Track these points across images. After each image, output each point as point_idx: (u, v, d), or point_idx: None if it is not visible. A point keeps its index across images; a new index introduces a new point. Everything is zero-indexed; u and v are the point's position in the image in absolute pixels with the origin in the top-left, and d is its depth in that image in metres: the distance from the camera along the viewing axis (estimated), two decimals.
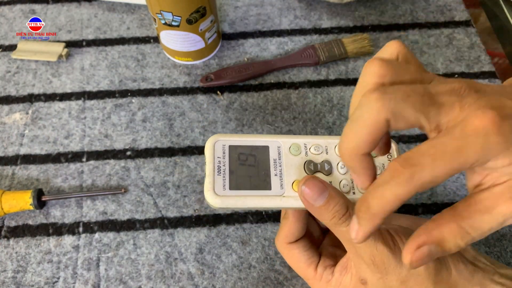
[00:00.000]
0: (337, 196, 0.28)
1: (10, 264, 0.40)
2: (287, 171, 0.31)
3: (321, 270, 0.32)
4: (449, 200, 0.42)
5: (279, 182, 0.30)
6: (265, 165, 0.31)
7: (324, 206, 0.28)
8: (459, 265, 0.29)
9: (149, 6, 0.45)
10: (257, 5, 0.56)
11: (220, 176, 0.30)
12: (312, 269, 0.32)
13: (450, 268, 0.29)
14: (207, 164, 0.30)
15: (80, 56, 0.52)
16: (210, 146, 0.31)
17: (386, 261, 0.28)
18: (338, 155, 0.32)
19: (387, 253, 0.28)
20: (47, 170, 0.45)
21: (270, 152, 0.31)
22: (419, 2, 0.55)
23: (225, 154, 0.30)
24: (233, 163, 0.30)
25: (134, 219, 0.42)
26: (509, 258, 0.40)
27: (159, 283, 0.39)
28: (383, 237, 0.28)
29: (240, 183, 0.30)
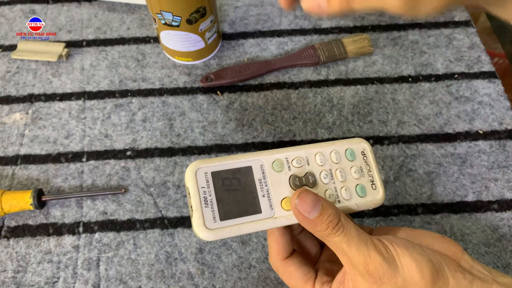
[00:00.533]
0: (330, 207, 0.29)
1: (10, 264, 0.40)
2: (273, 190, 0.31)
3: (319, 287, 0.31)
4: (449, 200, 0.43)
5: (268, 203, 0.30)
6: (251, 187, 0.30)
7: (318, 218, 0.28)
8: (457, 275, 0.29)
9: (149, 6, 0.45)
10: (257, 5, 0.56)
11: (208, 208, 0.29)
12: (309, 285, 0.31)
13: (447, 278, 0.29)
14: (192, 196, 0.29)
15: (80, 56, 0.52)
16: (192, 176, 0.29)
17: (380, 270, 0.28)
18: (319, 164, 0.32)
19: (380, 261, 0.28)
20: (47, 170, 0.45)
21: (254, 172, 0.31)
22: None
23: (209, 182, 0.29)
24: (219, 191, 0.29)
25: (134, 219, 0.42)
26: (509, 258, 0.40)
27: (159, 283, 0.39)
28: (375, 245, 0.28)
29: (229, 212, 0.29)
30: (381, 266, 0.28)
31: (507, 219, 0.42)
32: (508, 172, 0.44)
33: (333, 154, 0.33)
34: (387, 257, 0.28)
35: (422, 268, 0.28)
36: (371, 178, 0.34)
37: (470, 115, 0.47)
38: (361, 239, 0.28)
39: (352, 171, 0.33)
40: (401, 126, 0.47)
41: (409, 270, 0.28)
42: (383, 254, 0.28)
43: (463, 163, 0.44)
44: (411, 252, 0.29)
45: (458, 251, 0.31)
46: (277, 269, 0.32)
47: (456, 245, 0.32)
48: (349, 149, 0.34)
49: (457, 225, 0.41)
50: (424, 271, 0.28)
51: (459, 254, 0.31)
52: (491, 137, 0.46)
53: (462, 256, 0.31)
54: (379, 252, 0.28)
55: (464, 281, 0.29)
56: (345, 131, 0.46)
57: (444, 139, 0.46)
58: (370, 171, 0.34)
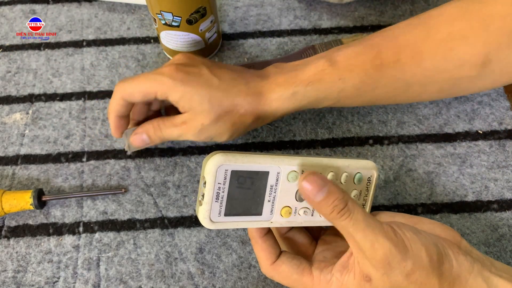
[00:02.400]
0: (336, 191, 0.29)
1: (10, 264, 0.40)
2: (280, 197, 0.32)
3: (318, 273, 0.31)
4: (449, 200, 0.43)
5: (270, 208, 0.32)
6: (261, 191, 0.31)
7: (324, 200, 0.29)
8: (460, 257, 0.30)
9: (149, 6, 0.45)
10: (257, 5, 0.56)
11: (217, 203, 0.30)
12: (307, 274, 0.31)
13: (451, 260, 0.29)
14: (207, 190, 0.30)
15: (80, 56, 0.52)
16: (213, 170, 0.29)
17: (389, 255, 0.28)
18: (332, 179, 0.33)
19: (389, 246, 0.28)
20: (47, 170, 0.45)
21: (269, 178, 0.31)
22: (419, 2, 0.55)
23: (226, 180, 0.30)
24: (232, 189, 0.30)
25: (135, 219, 0.42)
26: (509, 258, 0.40)
27: (159, 283, 0.39)
28: (384, 231, 0.28)
29: (234, 210, 0.31)
30: (390, 252, 0.28)
31: (506, 219, 0.42)
32: (507, 172, 0.44)
33: (343, 176, 0.34)
34: (396, 242, 0.28)
35: (430, 252, 0.29)
36: (364, 202, 0.36)
37: (470, 115, 0.47)
38: (369, 225, 0.28)
39: (352, 194, 0.35)
40: (401, 126, 0.47)
41: (418, 254, 0.28)
42: (392, 239, 0.28)
43: (463, 163, 0.44)
44: (419, 237, 0.29)
45: (457, 236, 0.32)
46: (271, 276, 0.33)
47: (454, 231, 0.33)
48: (359, 173, 0.35)
49: (456, 225, 0.41)
50: (432, 255, 0.29)
51: (458, 239, 0.32)
52: (491, 137, 0.46)
53: (461, 241, 0.32)
54: (388, 238, 0.28)
55: (466, 262, 0.30)
56: (345, 131, 0.47)
57: (444, 139, 0.46)
58: (367, 196, 0.36)
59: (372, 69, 0.38)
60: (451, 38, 0.37)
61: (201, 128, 0.38)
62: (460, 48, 0.36)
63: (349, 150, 0.46)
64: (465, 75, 0.37)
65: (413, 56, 0.37)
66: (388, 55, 0.38)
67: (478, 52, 0.36)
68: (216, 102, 0.37)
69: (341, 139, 0.46)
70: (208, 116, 0.37)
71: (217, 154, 0.30)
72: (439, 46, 0.37)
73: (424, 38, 0.38)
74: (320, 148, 0.46)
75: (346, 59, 0.38)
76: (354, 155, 0.45)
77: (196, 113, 0.38)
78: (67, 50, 0.53)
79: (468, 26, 0.36)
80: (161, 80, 0.37)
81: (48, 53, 0.53)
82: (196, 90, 0.37)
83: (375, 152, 0.45)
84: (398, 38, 0.39)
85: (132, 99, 0.38)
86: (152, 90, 0.37)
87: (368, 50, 0.39)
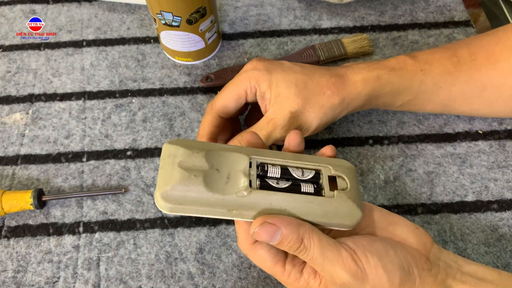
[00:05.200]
0: (289, 234, 0.29)
1: (10, 264, 0.40)
2: None
3: (290, 268, 0.32)
4: (449, 200, 0.43)
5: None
6: None
7: (278, 244, 0.29)
8: (423, 273, 0.30)
9: (149, 6, 0.45)
10: (257, 5, 0.56)
11: None
12: (280, 266, 0.32)
13: (415, 278, 0.30)
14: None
15: (80, 56, 0.52)
16: None
17: (347, 284, 0.29)
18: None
19: (347, 278, 0.29)
20: (47, 170, 0.45)
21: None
22: (419, 2, 0.55)
23: None
24: None
25: (135, 219, 0.42)
26: (508, 258, 0.40)
27: (159, 283, 0.39)
28: (343, 261, 0.29)
29: None
30: (349, 283, 0.29)
31: (506, 219, 0.42)
32: (507, 172, 0.44)
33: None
34: (355, 271, 0.29)
35: (391, 277, 0.29)
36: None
37: None
38: (326, 258, 0.29)
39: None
40: (401, 126, 0.47)
41: (379, 280, 0.29)
42: (351, 269, 0.29)
43: (463, 163, 0.44)
44: (384, 262, 0.29)
45: (428, 243, 0.32)
46: (246, 253, 0.33)
47: (428, 237, 0.33)
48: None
49: (456, 225, 0.41)
50: (394, 279, 0.29)
51: (429, 246, 0.32)
52: (491, 137, 0.46)
53: (431, 248, 0.32)
54: (346, 269, 0.29)
55: (429, 277, 0.30)
56: (345, 131, 0.47)
57: (443, 139, 0.46)
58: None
59: (450, 65, 0.40)
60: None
61: (290, 116, 0.37)
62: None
63: (349, 150, 0.45)
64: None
65: (488, 57, 0.39)
66: (464, 54, 0.40)
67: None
68: (302, 84, 0.38)
69: (341, 139, 0.46)
70: (295, 101, 0.37)
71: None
72: (511, 51, 0.39)
73: (496, 43, 0.40)
74: (320, 148, 0.45)
75: (425, 55, 0.40)
76: (354, 155, 0.45)
77: (283, 100, 0.37)
78: (67, 50, 0.53)
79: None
80: (247, 75, 0.38)
81: (48, 53, 0.53)
82: (281, 76, 0.38)
83: (375, 152, 0.45)
84: (471, 42, 0.41)
85: (227, 110, 0.39)
86: (242, 89, 0.39)
87: (443, 50, 0.41)
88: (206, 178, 0.29)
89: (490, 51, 0.39)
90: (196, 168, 0.29)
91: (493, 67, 0.39)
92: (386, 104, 0.41)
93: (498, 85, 0.40)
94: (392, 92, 0.40)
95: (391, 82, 0.39)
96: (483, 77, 0.39)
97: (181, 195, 0.28)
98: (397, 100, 0.41)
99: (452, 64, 0.40)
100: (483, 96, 0.40)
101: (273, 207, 0.29)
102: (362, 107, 0.41)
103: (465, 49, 0.40)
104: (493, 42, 0.40)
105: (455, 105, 0.42)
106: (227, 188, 0.29)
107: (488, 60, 0.39)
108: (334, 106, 0.39)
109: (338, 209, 0.30)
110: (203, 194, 0.29)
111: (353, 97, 0.39)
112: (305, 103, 0.38)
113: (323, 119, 0.39)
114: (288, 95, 0.38)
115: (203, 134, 0.40)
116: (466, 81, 0.40)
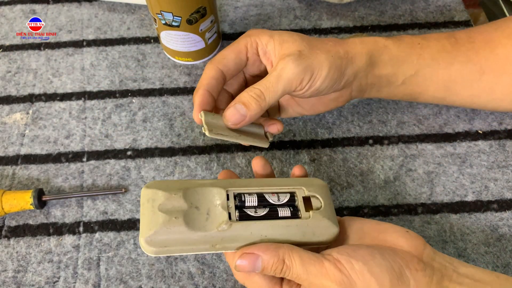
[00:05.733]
0: (270, 259, 0.30)
1: (10, 264, 0.40)
2: None
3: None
4: (449, 200, 0.43)
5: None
6: None
7: (263, 270, 0.30)
8: (417, 274, 0.30)
9: (150, 6, 0.45)
10: (257, 5, 0.56)
11: None
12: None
13: (409, 280, 0.30)
14: None
15: (80, 56, 0.52)
16: None
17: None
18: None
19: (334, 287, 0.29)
20: (47, 170, 0.45)
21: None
22: (419, 2, 0.56)
23: None
24: None
25: (135, 219, 0.42)
26: (508, 258, 0.40)
27: (159, 283, 0.39)
28: (327, 272, 0.29)
29: None
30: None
31: (506, 219, 0.42)
32: (507, 172, 0.44)
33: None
34: (340, 279, 0.29)
35: (381, 280, 0.29)
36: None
37: (470, 115, 0.47)
38: (310, 273, 0.29)
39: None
40: (401, 126, 0.47)
41: (368, 284, 0.29)
42: (336, 279, 0.29)
43: (463, 163, 0.44)
44: (370, 266, 0.29)
45: (420, 245, 0.32)
46: (243, 282, 0.33)
47: (419, 239, 0.32)
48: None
49: (456, 225, 0.42)
50: (384, 280, 0.29)
51: (421, 248, 0.32)
52: (491, 137, 0.46)
53: (424, 250, 0.32)
54: (332, 279, 0.29)
55: (424, 278, 0.30)
56: (345, 131, 0.47)
57: (443, 139, 0.46)
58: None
59: (448, 44, 0.40)
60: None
61: (299, 54, 0.35)
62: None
63: (349, 150, 0.46)
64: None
65: (487, 42, 0.40)
66: (462, 36, 0.41)
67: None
68: (305, 37, 0.38)
69: (341, 139, 0.46)
70: (301, 43, 0.37)
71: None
72: (510, 37, 0.39)
73: (495, 29, 0.40)
74: (320, 148, 0.46)
75: (421, 35, 0.42)
76: (354, 155, 0.45)
77: (289, 44, 0.36)
78: (67, 50, 0.53)
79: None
80: (246, 34, 0.39)
81: (48, 53, 0.53)
82: (284, 32, 0.38)
83: (375, 152, 0.45)
84: (469, 30, 0.41)
85: (226, 61, 0.38)
86: (242, 44, 0.38)
87: (441, 34, 0.42)
88: (186, 218, 0.30)
89: (488, 37, 0.40)
90: (176, 209, 0.30)
91: (491, 51, 0.39)
92: (388, 79, 0.40)
93: (497, 70, 0.40)
94: (391, 62, 0.40)
95: (389, 48, 0.39)
96: (482, 61, 0.40)
97: (164, 238, 0.30)
98: (399, 74, 0.40)
99: (450, 44, 0.40)
100: (482, 80, 0.40)
101: (253, 236, 0.31)
102: (366, 75, 0.40)
103: (463, 33, 0.41)
104: (492, 29, 0.40)
105: (456, 88, 0.41)
106: (208, 224, 0.30)
107: (486, 44, 0.40)
108: (340, 54, 0.38)
109: (315, 229, 0.32)
110: (186, 234, 0.30)
111: (354, 52, 0.39)
112: (311, 46, 0.37)
113: (332, 63, 0.37)
114: (292, 40, 0.37)
115: (200, 86, 0.38)
116: (464, 61, 0.40)
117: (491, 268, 0.39)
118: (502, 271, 0.39)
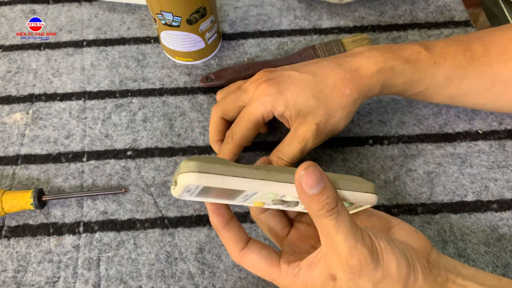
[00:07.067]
0: (332, 189, 0.28)
1: (10, 264, 0.40)
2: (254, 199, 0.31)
3: (286, 266, 0.31)
4: (449, 200, 0.43)
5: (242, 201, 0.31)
6: (235, 196, 0.30)
7: (317, 196, 0.27)
8: (425, 271, 0.30)
9: (150, 6, 0.45)
10: (257, 5, 0.56)
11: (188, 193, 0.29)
12: (275, 267, 0.31)
13: (418, 274, 0.30)
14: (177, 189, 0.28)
15: (80, 56, 0.53)
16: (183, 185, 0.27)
17: (363, 262, 0.28)
18: None
19: (365, 254, 0.28)
20: (47, 170, 0.45)
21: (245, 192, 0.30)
22: (419, 2, 0.56)
23: (197, 189, 0.28)
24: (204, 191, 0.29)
25: (135, 219, 0.42)
26: (508, 258, 0.40)
27: (159, 283, 0.39)
28: (363, 238, 0.28)
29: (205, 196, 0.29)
30: (365, 260, 0.28)
31: (506, 219, 0.42)
32: (507, 172, 0.44)
33: None
34: (371, 250, 0.28)
35: (400, 263, 0.29)
36: None
37: (470, 115, 0.47)
38: (351, 230, 0.28)
39: None
40: (401, 126, 0.47)
41: (389, 265, 0.29)
42: (369, 248, 0.28)
43: (463, 163, 0.44)
44: (392, 247, 0.29)
45: (428, 246, 0.32)
46: (240, 263, 0.32)
47: (426, 240, 0.33)
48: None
49: (456, 225, 0.42)
50: (401, 266, 0.29)
51: (428, 249, 0.32)
52: (491, 137, 0.46)
53: (431, 252, 0.32)
54: (366, 246, 0.28)
55: (430, 278, 0.30)
56: (345, 131, 0.47)
57: (443, 139, 0.46)
58: None
59: (464, 60, 0.39)
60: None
61: (316, 128, 0.38)
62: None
63: (349, 150, 0.46)
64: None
65: (502, 54, 0.39)
66: (478, 49, 0.40)
67: None
68: (319, 94, 0.38)
69: (341, 139, 0.46)
70: (318, 113, 0.38)
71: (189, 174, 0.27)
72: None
73: (510, 40, 0.39)
74: (320, 148, 0.46)
75: (440, 47, 0.40)
76: (354, 155, 0.45)
77: (305, 115, 0.38)
78: (67, 50, 0.53)
79: None
80: (261, 102, 0.38)
81: (48, 53, 0.53)
82: (295, 92, 0.38)
83: (375, 152, 0.45)
84: (484, 37, 0.41)
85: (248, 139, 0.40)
86: (259, 117, 0.39)
87: (458, 43, 0.40)
88: None
89: (503, 48, 0.39)
90: None
91: (504, 63, 0.39)
92: (396, 93, 0.41)
93: (508, 81, 0.40)
94: (404, 83, 0.40)
95: (404, 73, 0.39)
96: (494, 74, 0.40)
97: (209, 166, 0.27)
98: (407, 91, 0.41)
99: (465, 59, 0.40)
100: (492, 91, 0.40)
101: None
102: (376, 95, 0.41)
103: (479, 44, 0.40)
104: (507, 39, 0.40)
105: (463, 99, 0.42)
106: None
107: (501, 57, 0.39)
108: (355, 101, 0.39)
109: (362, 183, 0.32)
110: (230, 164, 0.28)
111: (369, 88, 0.39)
112: (327, 111, 0.38)
113: (348, 117, 0.39)
114: (308, 109, 0.38)
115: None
116: (477, 76, 0.40)
117: (491, 268, 0.39)
118: (502, 271, 0.39)
